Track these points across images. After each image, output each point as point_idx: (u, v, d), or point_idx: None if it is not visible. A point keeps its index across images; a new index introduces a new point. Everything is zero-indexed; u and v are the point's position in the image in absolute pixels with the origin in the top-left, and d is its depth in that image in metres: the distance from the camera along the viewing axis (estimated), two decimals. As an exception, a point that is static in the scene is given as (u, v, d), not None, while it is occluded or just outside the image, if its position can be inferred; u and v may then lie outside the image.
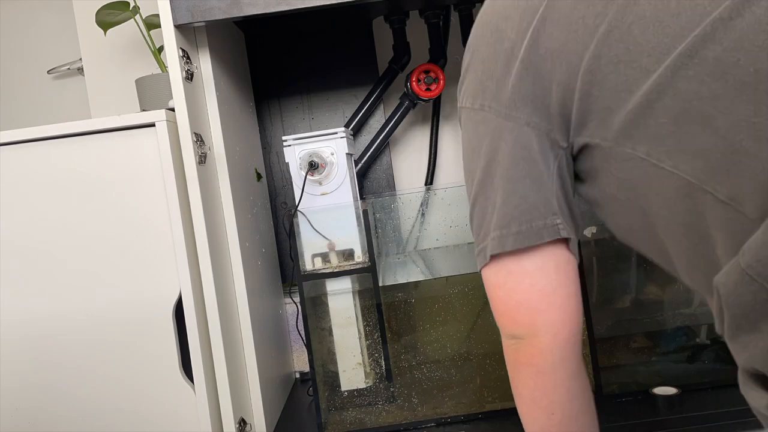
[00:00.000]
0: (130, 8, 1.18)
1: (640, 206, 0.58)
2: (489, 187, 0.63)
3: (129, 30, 1.24)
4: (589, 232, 1.15)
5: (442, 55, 1.31)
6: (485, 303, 1.12)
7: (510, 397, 0.71)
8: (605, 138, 0.58)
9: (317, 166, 1.10)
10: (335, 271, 1.10)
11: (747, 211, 0.49)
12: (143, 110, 1.12)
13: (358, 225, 1.11)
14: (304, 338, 1.17)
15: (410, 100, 1.30)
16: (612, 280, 1.19)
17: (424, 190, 1.40)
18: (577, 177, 0.65)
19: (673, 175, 0.53)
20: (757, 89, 0.48)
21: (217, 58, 1.10)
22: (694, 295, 1.19)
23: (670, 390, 1.05)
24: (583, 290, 1.08)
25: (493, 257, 0.64)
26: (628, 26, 0.55)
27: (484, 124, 0.63)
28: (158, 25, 1.00)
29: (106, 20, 1.18)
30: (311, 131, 1.13)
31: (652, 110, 0.53)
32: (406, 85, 1.29)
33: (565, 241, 0.63)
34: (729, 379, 1.10)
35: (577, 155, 0.63)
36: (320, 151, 1.11)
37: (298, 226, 1.10)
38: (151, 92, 1.12)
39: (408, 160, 1.45)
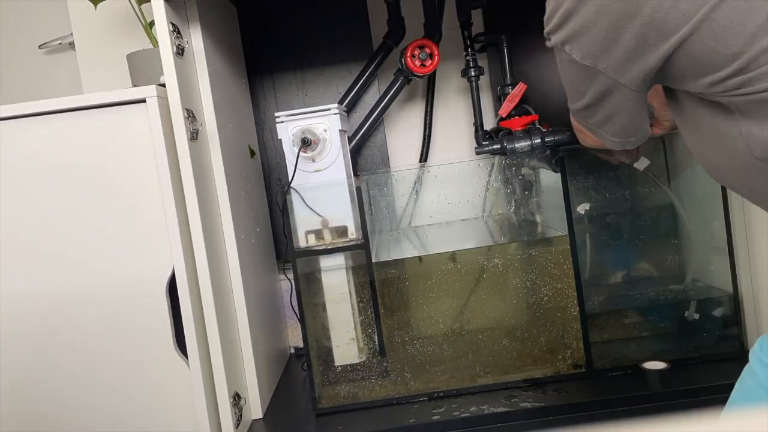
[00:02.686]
0: (120, -19, 1.16)
1: None
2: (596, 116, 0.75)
3: (120, 4, 1.23)
4: (582, 209, 1.16)
5: (437, 31, 1.30)
6: (478, 279, 1.13)
7: (501, 371, 0.72)
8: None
9: (310, 143, 1.09)
10: (329, 247, 1.10)
11: None
12: (135, 86, 1.11)
13: (352, 202, 1.11)
14: (297, 314, 1.17)
15: (404, 75, 1.29)
16: (604, 256, 1.20)
17: (418, 167, 1.40)
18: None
19: None
20: None
21: (208, 32, 1.09)
22: (686, 271, 1.20)
23: (659, 364, 1.07)
24: (575, 267, 1.09)
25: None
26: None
27: (596, 79, 0.67)
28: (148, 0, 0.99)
29: (95, -6, 1.16)
30: (305, 107, 1.12)
31: None
32: (400, 61, 1.28)
33: None
34: (717, 353, 1.12)
35: None
36: (313, 127, 1.10)
37: (291, 202, 1.10)
38: (142, 67, 1.11)
39: (402, 137, 1.45)
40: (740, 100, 0.59)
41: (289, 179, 1.10)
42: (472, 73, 1.26)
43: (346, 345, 1.14)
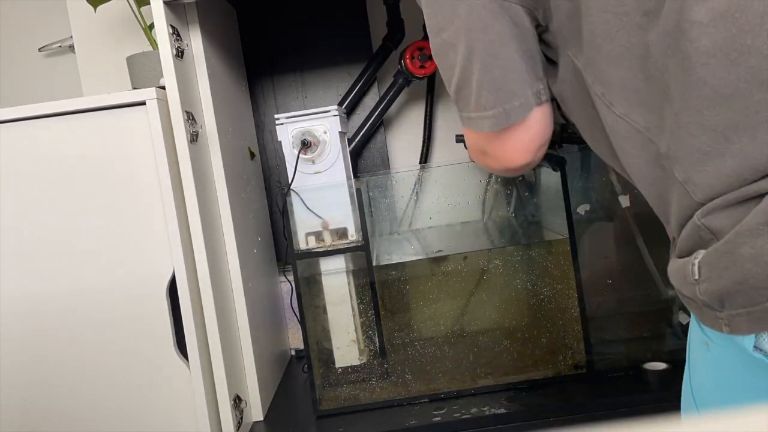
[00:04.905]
0: (120, -16, 1.16)
1: None
2: (475, 64, 0.63)
3: (119, 7, 1.23)
4: (582, 209, 1.16)
5: (436, 32, 1.30)
6: (478, 281, 1.13)
7: (502, 373, 0.72)
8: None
9: (310, 145, 1.10)
10: (329, 249, 1.10)
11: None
12: (134, 88, 1.11)
13: (352, 204, 1.11)
14: (298, 316, 1.17)
15: (404, 77, 1.29)
16: (603, 257, 1.20)
17: (418, 169, 1.40)
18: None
19: None
20: None
21: (207, 35, 1.09)
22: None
23: (659, 365, 1.07)
24: (576, 267, 1.09)
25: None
26: None
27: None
28: (148, 2, 0.99)
29: (95, -3, 1.16)
30: (305, 109, 1.12)
31: None
32: (400, 63, 1.28)
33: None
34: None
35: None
36: (313, 129, 1.11)
37: (291, 204, 1.10)
38: (142, 70, 1.11)
39: (402, 139, 1.45)
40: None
41: (289, 181, 1.11)
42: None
43: (347, 347, 1.14)
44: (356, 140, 1.35)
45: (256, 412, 1.12)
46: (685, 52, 0.51)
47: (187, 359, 0.99)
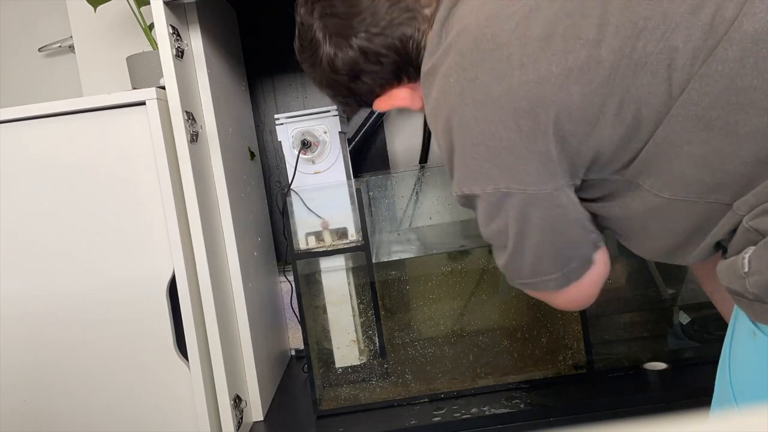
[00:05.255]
0: (120, -16, 1.16)
1: None
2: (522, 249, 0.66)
3: (119, 7, 1.23)
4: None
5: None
6: (478, 280, 1.13)
7: (502, 372, 0.72)
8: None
9: (310, 145, 1.10)
10: (329, 249, 1.10)
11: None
12: (134, 88, 1.11)
13: (352, 204, 1.11)
14: (298, 316, 1.17)
15: (404, 77, 1.29)
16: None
17: (418, 169, 1.40)
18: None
19: None
20: None
21: (207, 35, 1.09)
22: (686, 273, 1.20)
23: (659, 365, 1.07)
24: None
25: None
26: None
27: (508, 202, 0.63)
28: (148, 2, 0.99)
29: (95, -3, 1.16)
30: (305, 109, 1.12)
31: None
32: (399, 63, 1.28)
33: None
34: (717, 354, 1.12)
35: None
36: (312, 129, 1.11)
37: (291, 204, 1.10)
38: (142, 70, 1.11)
39: (402, 139, 1.45)
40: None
41: (289, 181, 1.11)
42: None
43: (347, 347, 1.14)
44: (356, 140, 1.35)
45: (256, 412, 1.12)
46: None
47: (187, 359, 0.99)
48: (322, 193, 1.12)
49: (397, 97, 0.75)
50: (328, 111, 1.11)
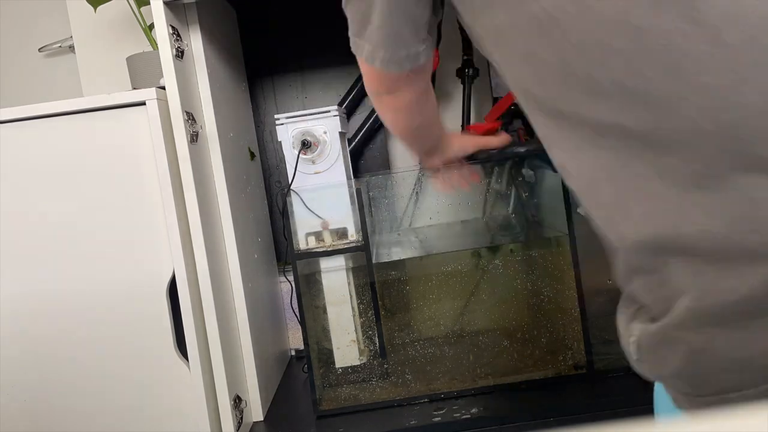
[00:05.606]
0: (120, -16, 1.16)
1: None
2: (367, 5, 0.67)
3: (119, 7, 1.23)
4: (582, 210, 1.15)
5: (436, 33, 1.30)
6: (479, 280, 1.13)
7: (502, 373, 0.72)
8: None
9: (310, 145, 1.10)
10: (329, 249, 1.10)
11: None
12: (134, 88, 1.11)
13: (352, 204, 1.11)
14: (298, 316, 1.17)
15: (404, 77, 1.29)
16: (604, 256, 1.20)
17: (418, 169, 1.40)
18: None
19: None
20: None
21: (207, 35, 1.09)
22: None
23: (660, 366, 1.06)
24: (576, 267, 1.09)
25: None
26: None
27: None
28: (148, 2, 0.99)
29: (95, -3, 1.16)
30: (305, 110, 1.12)
31: None
32: (399, 63, 1.28)
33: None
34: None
35: None
36: (313, 129, 1.11)
37: (291, 205, 1.10)
38: (142, 70, 1.11)
39: (402, 139, 1.44)
40: None
41: (289, 181, 1.11)
42: (469, 72, 1.26)
43: (347, 347, 1.14)
44: (356, 140, 1.35)
45: (256, 412, 1.12)
46: None
47: (187, 359, 0.99)
48: (322, 194, 1.12)
49: None
50: (328, 111, 1.11)
